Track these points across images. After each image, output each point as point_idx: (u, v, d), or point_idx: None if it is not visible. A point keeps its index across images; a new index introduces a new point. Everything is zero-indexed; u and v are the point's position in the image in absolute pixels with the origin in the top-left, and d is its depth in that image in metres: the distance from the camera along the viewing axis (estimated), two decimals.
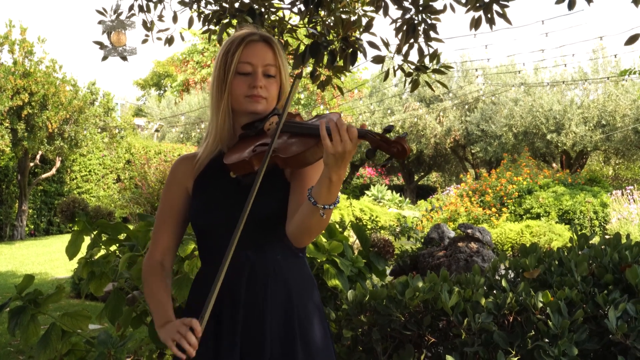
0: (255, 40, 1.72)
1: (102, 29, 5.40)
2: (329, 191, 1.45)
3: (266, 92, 1.71)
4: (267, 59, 1.72)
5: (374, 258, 3.30)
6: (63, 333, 2.57)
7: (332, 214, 12.07)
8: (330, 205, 1.47)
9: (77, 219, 2.94)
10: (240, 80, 1.70)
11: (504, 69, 22.10)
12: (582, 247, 2.69)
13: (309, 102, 19.52)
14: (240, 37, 1.72)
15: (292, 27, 4.28)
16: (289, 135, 1.59)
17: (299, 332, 1.64)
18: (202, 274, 1.76)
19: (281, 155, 1.55)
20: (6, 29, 12.91)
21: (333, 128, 1.41)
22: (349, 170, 10.11)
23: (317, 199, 1.46)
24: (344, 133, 1.40)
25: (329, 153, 1.41)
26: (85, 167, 16.55)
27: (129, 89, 76.53)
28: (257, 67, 1.70)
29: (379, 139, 1.41)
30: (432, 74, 3.88)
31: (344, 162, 1.42)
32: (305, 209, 1.52)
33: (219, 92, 1.72)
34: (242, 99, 1.71)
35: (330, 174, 1.43)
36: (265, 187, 1.65)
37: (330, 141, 1.40)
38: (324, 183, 1.45)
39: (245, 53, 1.70)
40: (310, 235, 1.57)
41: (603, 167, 23.87)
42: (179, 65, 31.20)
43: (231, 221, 1.61)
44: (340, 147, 1.39)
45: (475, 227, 5.54)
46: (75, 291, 6.85)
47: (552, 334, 2.12)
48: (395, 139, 1.39)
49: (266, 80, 1.72)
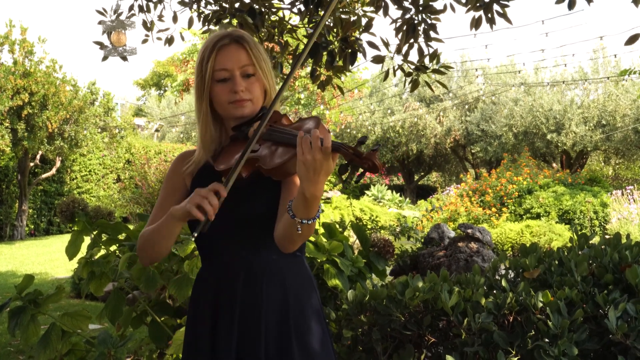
0: (226, 44, 1.69)
1: (102, 29, 5.41)
2: (305, 207, 1.41)
3: (249, 93, 1.69)
4: (242, 60, 1.69)
5: (374, 258, 3.30)
6: (63, 333, 2.57)
7: (333, 214, 11.99)
8: (308, 221, 1.43)
9: (77, 219, 2.94)
10: (220, 88, 1.69)
11: (504, 69, 22.11)
12: (582, 247, 2.69)
13: (309, 102, 19.51)
14: (212, 44, 1.69)
15: (292, 27, 4.28)
16: (271, 143, 1.57)
17: (294, 332, 1.64)
18: (201, 273, 1.77)
19: (263, 166, 1.53)
20: (6, 29, 12.92)
21: (303, 138, 1.36)
22: (350, 170, 10.01)
23: (296, 213, 1.43)
24: (314, 142, 1.34)
25: (299, 160, 1.35)
26: (85, 167, 16.55)
27: (129, 89, 76.54)
28: (233, 71, 1.68)
29: (351, 152, 1.34)
30: (432, 74, 3.88)
31: (316, 176, 1.35)
32: (287, 221, 1.49)
33: (199, 101, 1.72)
34: (227, 105, 1.69)
35: (304, 188, 1.37)
36: (258, 188, 1.65)
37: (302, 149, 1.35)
38: (299, 198, 1.41)
39: (218, 60, 1.68)
40: (293, 243, 1.53)
41: (603, 167, 23.87)
42: (179, 65, 31.17)
43: (225, 222, 1.62)
44: (310, 155, 1.33)
45: (476, 227, 5.54)
46: (75, 291, 6.85)
47: (552, 334, 2.12)
48: (366, 155, 1.32)
49: (246, 81, 1.69)
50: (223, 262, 1.68)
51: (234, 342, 1.62)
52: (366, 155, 1.32)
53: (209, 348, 1.65)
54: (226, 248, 1.68)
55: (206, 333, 1.67)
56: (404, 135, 22.76)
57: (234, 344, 1.62)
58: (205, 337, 1.66)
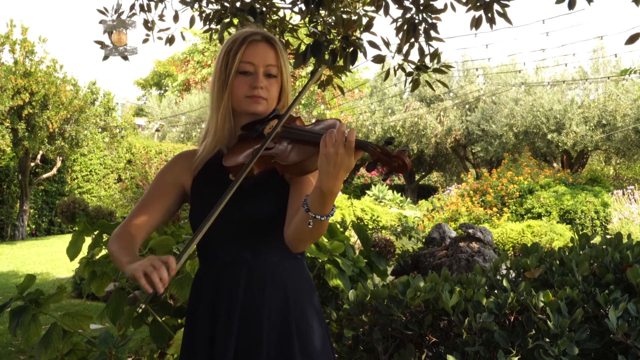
0: (258, 40, 1.71)
1: (103, 28, 5.41)
2: (321, 202, 1.41)
3: (267, 92, 1.70)
4: (269, 59, 1.70)
5: (375, 258, 3.29)
6: (64, 333, 2.57)
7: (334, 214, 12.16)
8: (322, 217, 1.43)
9: (77, 220, 2.94)
10: (241, 80, 1.69)
11: (505, 69, 22.11)
12: (583, 246, 2.69)
13: (309, 101, 19.51)
14: (243, 37, 1.70)
15: (293, 26, 4.28)
16: (289, 141, 1.57)
17: (296, 334, 1.64)
18: (200, 273, 1.76)
19: (280, 162, 1.53)
20: (7, 29, 12.93)
21: (330, 131, 1.37)
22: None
23: (310, 208, 1.43)
24: (339, 136, 1.34)
25: (322, 153, 1.35)
26: (86, 167, 16.55)
27: (129, 89, 76.62)
28: (258, 67, 1.69)
29: (379, 151, 1.35)
30: (432, 73, 3.88)
31: (336, 170, 1.35)
32: (300, 216, 1.49)
33: (219, 91, 1.71)
34: (243, 99, 1.69)
35: (322, 182, 1.37)
36: (262, 189, 1.65)
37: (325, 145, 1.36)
38: (316, 193, 1.41)
39: (247, 53, 1.69)
40: (304, 242, 1.52)
41: (604, 166, 23.86)
42: (179, 64, 31.20)
43: (227, 221, 1.62)
44: (333, 149, 1.33)
45: (477, 227, 5.54)
46: (76, 291, 6.86)
47: (553, 334, 2.11)
48: (396, 153, 1.33)
49: (267, 80, 1.71)
50: (224, 263, 1.67)
51: (233, 344, 1.62)
52: (396, 153, 1.33)
53: (207, 349, 1.64)
54: (227, 249, 1.67)
55: (205, 334, 1.66)
56: (405, 135, 22.76)
57: (232, 345, 1.61)
58: (204, 338, 1.66)
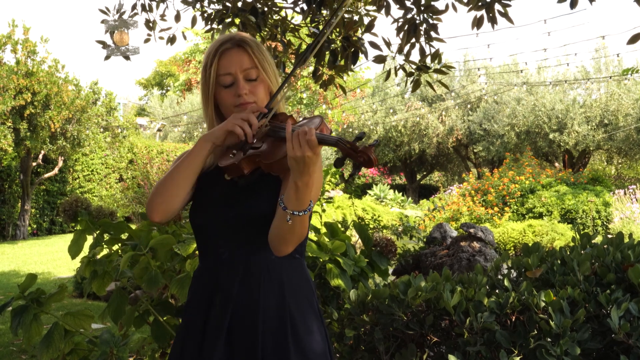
0: (228, 48, 1.72)
1: (104, 28, 5.42)
2: (296, 196, 1.45)
3: (253, 96, 1.72)
4: (245, 64, 1.72)
5: (376, 257, 3.29)
6: (66, 332, 2.57)
7: (335, 214, 11.95)
8: (299, 212, 1.46)
9: (79, 219, 2.94)
10: (225, 93, 1.73)
11: (507, 68, 22.09)
12: (585, 246, 2.69)
13: (311, 101, 19.52)
14: (214, 48, 1.73)
15: (294, 26, 4.28)
16: (272, 140, 1.61)
17: (292, 335, 1.63)
18: (199, 271, 1.77)
19: (263, 160, 1.57)
20: (9, 29, 12.94)
21: (293, 134, 1.42)
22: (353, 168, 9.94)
23: (287, 205, 1.47)
24: (302, 138, 1.39)
25: (289, 156, 1.41)
26: (88, 166, 16.56)
27: (131, 89, 76.67)
28: (237, 75, 1.71)
29: (348, 147, 1.37)
30: (433, 73, 3.88)
31: (306, 168, 1.40)
32: (278, 215, 1.52)
33: (205, 104, 1.77)
34: (233, 109, 1.73)
35: (295, 178, 1.43)
36: (259, 187, 1.67)
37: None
38: (291, 187, 1.45)
39: (221, 64, 1.71)
40: (286, 242, 1.54)
41: (605, 166, 23.83)
42: (181, 64, 31.22)
43: (225, 220, 1.65)
44: (299, 152, 1.39)
45: (478, 227, 5.54)
46: (77, 290, 6.86)
47: (555, 333, 2.11)
48: (362, 148, 1.35)
49: (250, 84, 1.73)
50: (221, 260, 1.68)
51: (222, 341, 1.61)
52: (362, 149, 1.35)
53: (198, 347, 1.64)
54: (225, 246, 1.68)
55: (197, 330, 1.66)
56: (406, 134, 22.75)
57: (222, 342, 1.61)
58: (196, 334, 1.66)
